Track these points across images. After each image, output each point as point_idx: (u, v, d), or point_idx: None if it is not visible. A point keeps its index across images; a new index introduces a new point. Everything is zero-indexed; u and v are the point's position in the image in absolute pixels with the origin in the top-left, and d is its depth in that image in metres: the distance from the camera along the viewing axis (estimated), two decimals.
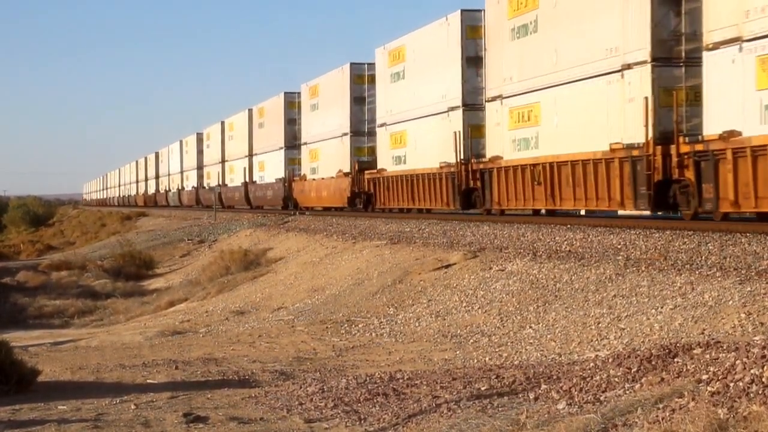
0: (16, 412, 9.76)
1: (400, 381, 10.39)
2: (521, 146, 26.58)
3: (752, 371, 7.40)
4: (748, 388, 7.15)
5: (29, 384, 11.20)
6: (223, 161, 69.00)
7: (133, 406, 9.88)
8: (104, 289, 31.26)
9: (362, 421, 8.76)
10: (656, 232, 18.27)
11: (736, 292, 11.15)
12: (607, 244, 17.35)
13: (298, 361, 12.89)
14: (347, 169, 41.11)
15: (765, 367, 7.39)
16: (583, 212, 28.28)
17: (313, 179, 46.47)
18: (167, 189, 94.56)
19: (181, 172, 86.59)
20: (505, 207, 28.23)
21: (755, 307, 10.48)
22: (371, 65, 40.31)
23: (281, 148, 52.84)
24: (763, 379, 7.21)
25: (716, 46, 18.68)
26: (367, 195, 39.60)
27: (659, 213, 22.68)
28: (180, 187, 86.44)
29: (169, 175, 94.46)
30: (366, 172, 39.38)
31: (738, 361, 7.68)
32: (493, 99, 28.20)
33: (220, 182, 68.95)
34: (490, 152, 28.58)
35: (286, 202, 50.07)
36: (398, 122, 36.12)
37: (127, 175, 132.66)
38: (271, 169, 55.36)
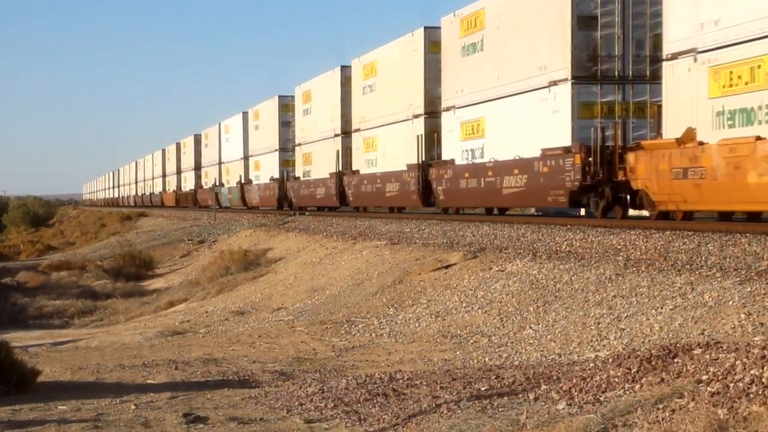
0: (16, 412, 9.76)
1: (400, 381, 10.39)
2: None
3: (752, 372, 7.40)
4: (748, 388, 7.16)
5: (29, 384, 11.19)
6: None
7: (133, 406, 9.88)
8: (104, 290, 31.27)
9: (362, 422, 8.76)
10: (656, 232, 18.28)
11: (736, 292, 11.15)
12: (607, 244, 17.35)
13: (298, 362, 12.89)
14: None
15: (765, 368, 7.39)
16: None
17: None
18: (217, 183, 70.01)
19: (245, 159, 61.97)
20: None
21: (755, 307, 10.48)
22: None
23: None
24: (763, 380, 7.21)
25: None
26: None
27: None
28: (243, 180, 61.30)
29: (221, 163, 70.02)
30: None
31: (738, 362, 7.68)
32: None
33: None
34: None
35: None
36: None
37: (149, 167, 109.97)
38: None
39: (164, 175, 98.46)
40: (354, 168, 40.93)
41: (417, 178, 33.13)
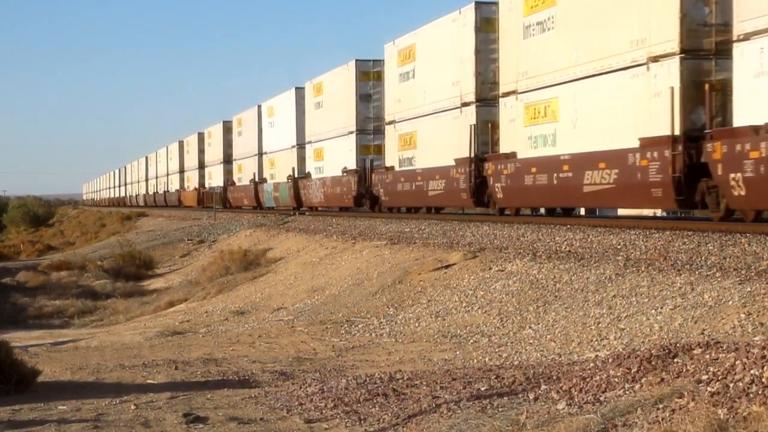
0: (16, 412, 9.76)
1: (400, 381, 10.39)
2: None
3: (752, 371, 7.40)
4: (748, 388, 7.16)
5: (29, 384, 11.19)
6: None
7: (133, 406, 9.88)
8: (104, 290, 31.28)
9: (362, 422, 8.76)
10: (656, 232, 18.28)
11: (736, 292, 11.15)
12: (606, 244, 17.35)
13: (298, 362, 12.89)
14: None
15: (765, 368, 7.39)
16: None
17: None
18: (256, 178, 57.95)
19: (300, 146, 49.42)
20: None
21: (755, 307, 10.48)
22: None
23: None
24: (763, 380, 7.21)
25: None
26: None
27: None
28: (297, 173, 48.89)
29: (262, 154, 57.45)
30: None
31: (738, 362, 7.68)
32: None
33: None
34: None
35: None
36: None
37: (162, 163, 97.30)
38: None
39: (182, 171, 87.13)
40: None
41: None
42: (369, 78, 40.18)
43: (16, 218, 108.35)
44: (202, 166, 78.08)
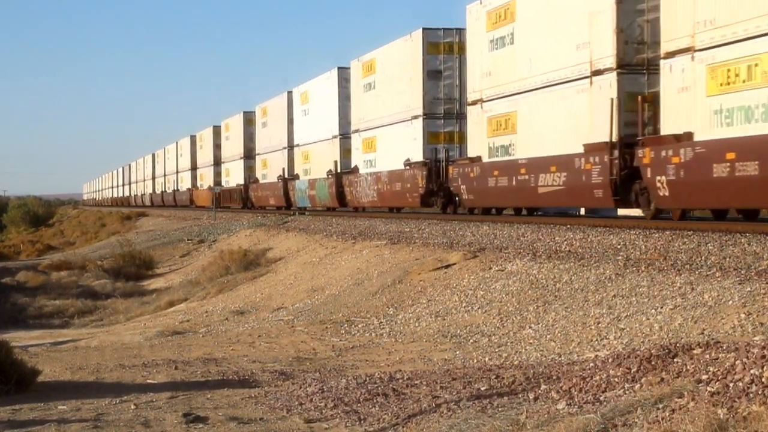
0: (16, 412, 9.76)
1: (400, 381, 10.39)
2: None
3: (752, 371, 7.41)
4: (748, 388, 7.16)
5: (29, 384, 11.19)
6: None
7: (133, 406, 9.88)
8: (104, 289, 31.29)
9: (362, 421, 8.76)
10: (656, 232, 18.28)
11: (736, 292, 11.15)
12: (606, 244, 17.36)
13: (298, 361, 12.89)
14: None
15: (765, 368, 7.39)
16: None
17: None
18: (286, 175, 51.38)
19: (342, 137, 43.20)
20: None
21: (755, 307, 10.48)
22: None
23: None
24: (763, 379, 7.21)
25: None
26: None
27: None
28: (340, 168, 42.72)
29: (293, 147, 51.07)
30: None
31: (738, 362, 7.68)
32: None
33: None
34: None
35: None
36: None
37: (171, 160, 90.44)
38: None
39: (194, 168, 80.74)
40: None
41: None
42: (439, 50, 33.29)
43: (16, 218, 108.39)
44: (218, 162, 71.73)
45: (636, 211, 23.66)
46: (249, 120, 62.62)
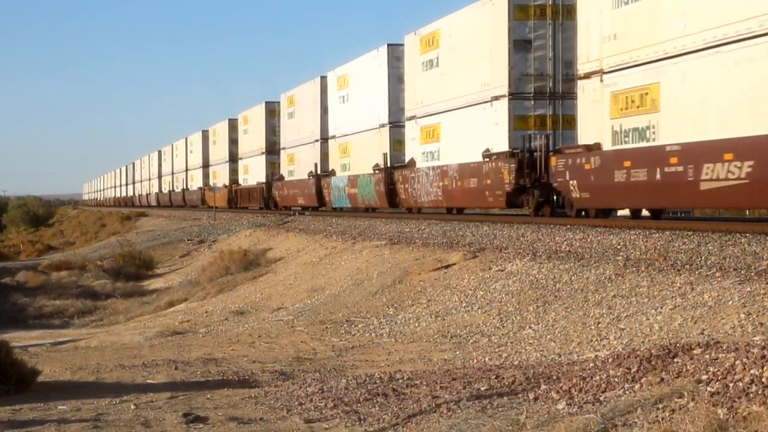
0: (16, 412, 9.76)
1: (400, 381, 10.40)
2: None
3: (752, 371, 7.41)
4: (748, 388, 7.16)
5: (29, 384, 11.20)
6: None
7: (133, 406, 9.88)
8: (104, 290, 31.29)
9: (362, 421, 8.76)
10: (656, 232, 18.28)
11: (736, 292, 11.15)
12: (606, 244, 17.36)
13: (297, 361, 12.89)
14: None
15: (765, 368, 7.39)
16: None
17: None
18: (319, 171, 45.48)
19: (394, 125, 36.97)
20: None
21: (755, 307, 10.49)
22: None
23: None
24: (763, 380, 7.21)
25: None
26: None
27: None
28: (390, 161, 36.58)
29: (329, 139, 44.49)
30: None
31: (738, 362, 7.69)
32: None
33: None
34: None
35: None
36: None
37: (180, 157, 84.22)
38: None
39: (206, 166, 74.55)
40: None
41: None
42: (528, 15, 27.03)
43: (16, 218, 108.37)
44: (234, 158, 65.14)
45: None
46: (271, 111, 56.41)
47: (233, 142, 65.48)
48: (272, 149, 55.69)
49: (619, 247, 16.71)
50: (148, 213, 78.01)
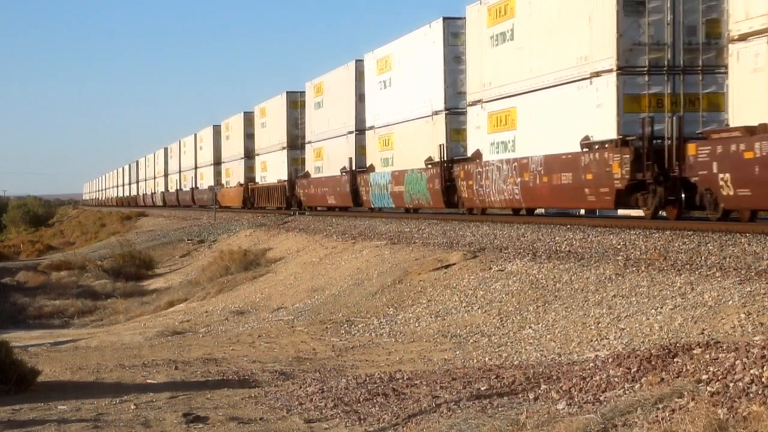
0: (16, 412, 9.76)
1: (400, 381, 10.40)
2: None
3: (752, 371, 7.41)
4: (748, 388, 7.16)
5: (29, 384, 11.20)
6: None
7: (133, 406, 9.88)
8: (104, 289, 31.28)
9: (362, 421, 8.76)
10: (656, 232, 18.27)
11: (736, 292, 11.15)
12: (606, 244, 17.35)
13: (297, 361, 12.89)
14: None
15: (765, 367, 7.39)
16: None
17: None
18: (354, 167, 39.87)
19: (451, 111, 30.86)
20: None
21: (755, 307, 10.48)
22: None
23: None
24: (763, 379, 7.21)
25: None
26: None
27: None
28: (446, 155, 30.77)
29: (364, 131, 38.93)
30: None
31: (738, 362, 7.69)
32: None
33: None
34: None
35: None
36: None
37: (189, 155, 79.08)
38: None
39: (218, 163, 68.67)
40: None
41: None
42: None
43: (16, 218, 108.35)
44: (250, 155, 59.36)
45: None
46: (293, 102, 50.42)
47: (249, 137, 59.64)
48: (294, 144, 50.06)
49: (619, 247, 16.71)
50: (148, 213, 77.99)
